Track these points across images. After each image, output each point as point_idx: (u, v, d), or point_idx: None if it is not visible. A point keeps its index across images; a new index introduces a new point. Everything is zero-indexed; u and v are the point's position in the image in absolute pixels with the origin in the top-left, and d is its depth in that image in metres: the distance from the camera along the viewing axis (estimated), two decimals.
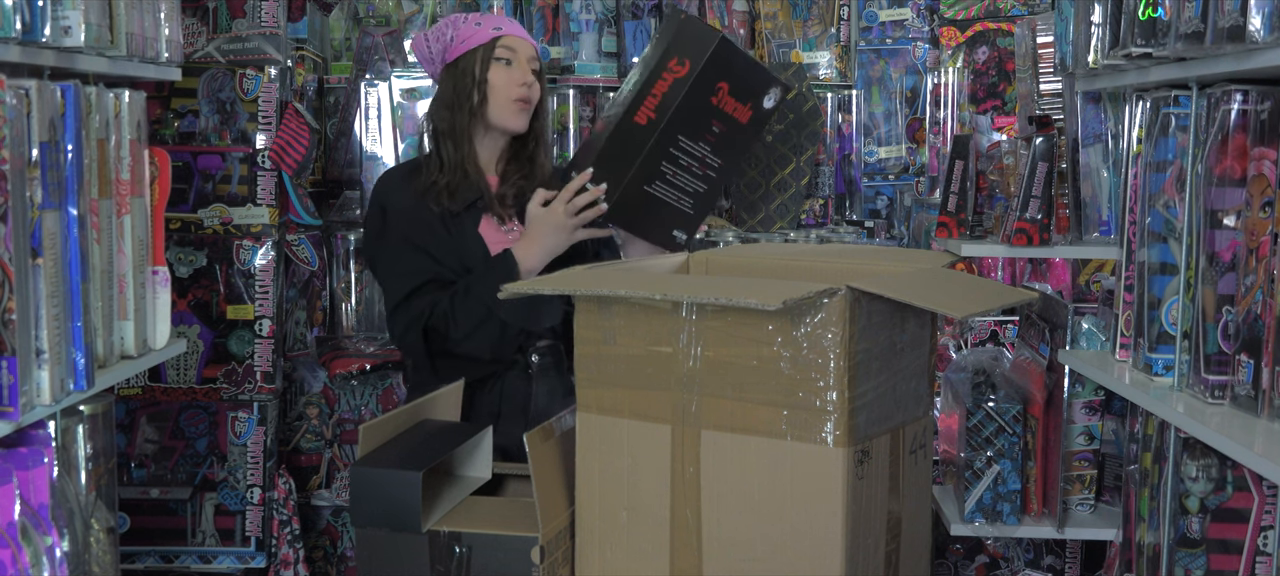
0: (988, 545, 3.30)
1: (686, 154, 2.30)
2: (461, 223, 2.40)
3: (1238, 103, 1.80)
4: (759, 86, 2.34)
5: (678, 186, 2.33)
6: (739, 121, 2.33)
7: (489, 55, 2.41)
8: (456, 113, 2.41)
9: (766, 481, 1.60)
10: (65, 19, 1.93)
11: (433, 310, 2.34)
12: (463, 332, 2.33)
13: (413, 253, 2.38)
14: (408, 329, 2.37)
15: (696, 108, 2.27)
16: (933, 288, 1.69)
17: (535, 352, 2.42)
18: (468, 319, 2.32)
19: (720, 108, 2.29)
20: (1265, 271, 1.72)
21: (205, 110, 3.13)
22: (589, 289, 1.70)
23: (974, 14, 3.52)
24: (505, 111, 2.41)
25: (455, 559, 1.81)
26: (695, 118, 2.28)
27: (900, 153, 3.60)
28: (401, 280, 2.38)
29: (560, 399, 2.43)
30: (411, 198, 2.42)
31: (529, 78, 2.42)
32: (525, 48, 2.45)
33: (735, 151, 2.38)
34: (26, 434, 1.87)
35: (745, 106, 2.32)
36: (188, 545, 3.15)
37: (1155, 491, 2.07)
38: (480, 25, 2.43)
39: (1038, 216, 2.51)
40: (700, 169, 2.34)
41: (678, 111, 2.24)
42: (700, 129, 2.30)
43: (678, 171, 2.31)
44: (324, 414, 3.44)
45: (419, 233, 2.39)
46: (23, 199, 1.72)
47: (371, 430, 1.91)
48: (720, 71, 2.26)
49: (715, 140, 2.32)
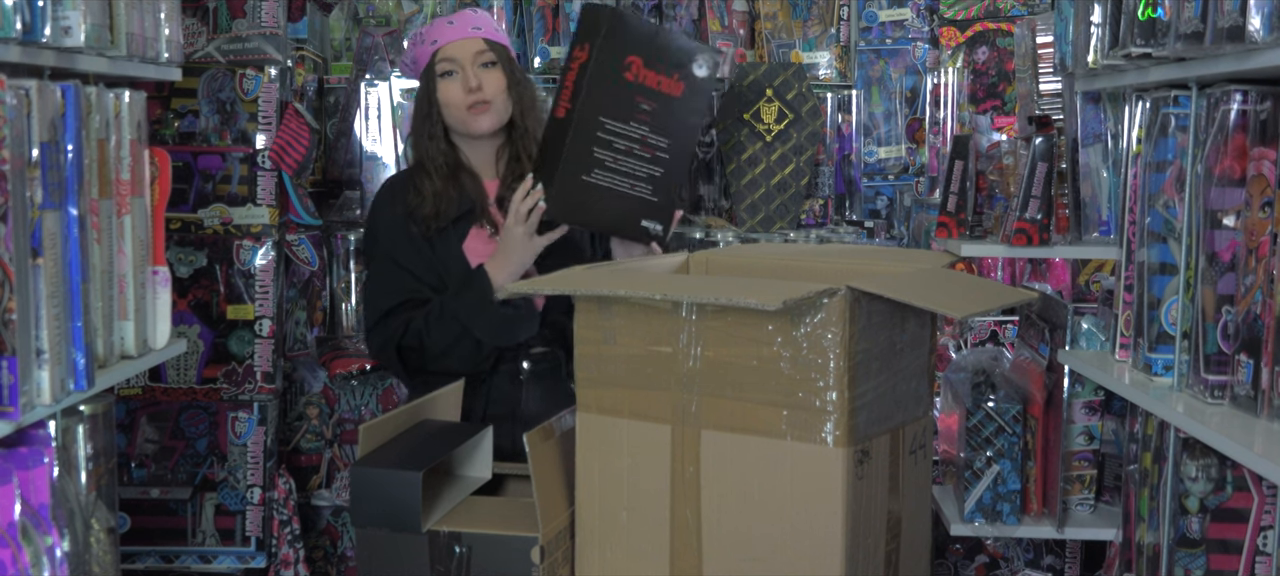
0: (987, 545, 3.30)
1: (620, 137, 2.26)
2: (447, 238, 2.39)
3: (1237, 103, 1.80)
4: (681, 56, 2.29)
5: (625, 172, 2.28)
6: (671, 95, 2.29)
7: (432, 74, 2.40)
8: (421, 137, 2.42)
9: (766, 481, 1.60)
10: (65, 19, 1.93)
11: (407, 329, 2.33)
12: (437, 350, 2.32)
13: (395, 270, 2.38)
14: (382, 348, 2.37)
15: (610, 88, 2.23)
16: (933, 287, 1.69)
17: (527, 359, 2.40)
18: (442, 337, 2.30)
19: (641, 83, 2.25)
20: (1265, 271, 1.72)
21: (205, 110, 3.14)
22: (589, 289, 1.70)
23: (974, 14, 3.52)
24: (463, 121, 2.39)
25: (455, 559, 1.81)
26: (613, 99, 2.24)
27: (900, 153, 3.60)
28: (380, 298, 2.38)
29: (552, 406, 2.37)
30: (402, 211, 2.41)
31: (473, 81, 2.37)
32: (465, 49, 2.39)
33: (680, 126, 2.33)
34: (26, 434, 1.87)
35: (672, 78, 2.28)
36: (188, 545, 3.15)
37: (1155, 491, 2.07)
38: (423, 41, 2.42)
39: (1038, 216, 2.51)
40: (644, 150, 2.29)
41: (589, 95, 2.20)
42: (625, 109, 2.25)
43: (618, 156, 2.27)
44: (324, 414, 3.44)
45: (402, 249, 2.38)
46: (23, 199, 1.72)
47: (371, 430, 1.91)
48: (624, 47, 2.21)
49: (650, 119, 2.28)
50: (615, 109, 2.24)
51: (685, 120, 2.34)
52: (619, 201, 2.29)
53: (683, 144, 2.36)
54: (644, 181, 2.31)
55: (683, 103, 2.31)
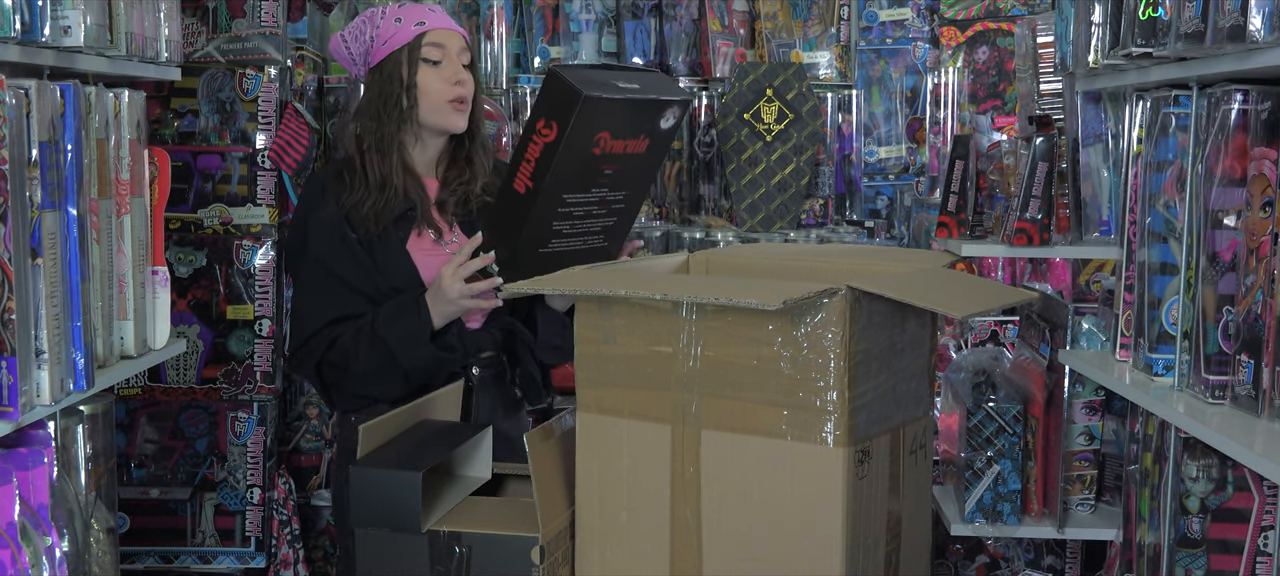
0: (988, 545, 3.30)
1: (579, 205, 2.14)
2: (388, 241, 2.22)
3: (1238, 103, 1.80)
4: (647, 118, 2.12)
5: (581, 232, 2.18)
6: (635, 154, 2.15)
7: (415, 56, 2.22)
8: (384, 123, 2.22)
9: (766, 481, 1.60)
10: (65, 19, 1.93)
11: (333, 345, 2.19)
12: (362, 371, 2.18)
13: (328, 279, 2.22)
14: (303, 362, 2.24)
15: (576, 167, 2.08)
16: (933, 288, 1.69)
17: (476, 364, 2.30)
18: (367, 361, 2.18)
19: (607, 153, 2.10)
20: (1265, 271, 1.72)
21: (205, 110, 3.13)
22: (589, 289, 1.70)
23: (974, 14, 3.52)
24: (440, 115, 2.24)
25: (455, 559, 1.80)
26: (578, 175, 2.10)
27: (900, 153, 3.60)
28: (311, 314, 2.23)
29: (501, 412, 2.33)
30: (334, 210, 2.23)
31: (462, 75, 2.24)
32: (454, 40, 2.26)
33: (641, 176, 2.22)
34: (26, 434, 1.87)
35: (638, 139, 2.13)
36: (187, 545, 3.15)
37: (1155, 491, 2.07)
38: (401, 21, 2.23)
39: (1038, 216, 2.51)
40: (601, 208, 2.17)
41: (555, 177, 2.05)
42: (588, 181, 2.12)
43: (575, 223, 2.15)
44: (324, 414, 3.44)
45: (337, 255, 2.21)
46: (22, 199, 1.72)
47: (371, 430, 1.91)
48: (593, 126, 2.04)
49: (610, 181, 2.15)
50: (578, 184, 2.12)
51: (646, 169, 2.23)
52: (573, 258, 2.17)
53: (640, 189, 2.25)
54: (598, 234, 2.22)
55: (645, 156, 2.18)
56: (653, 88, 2.14)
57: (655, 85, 2.16)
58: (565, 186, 2.09)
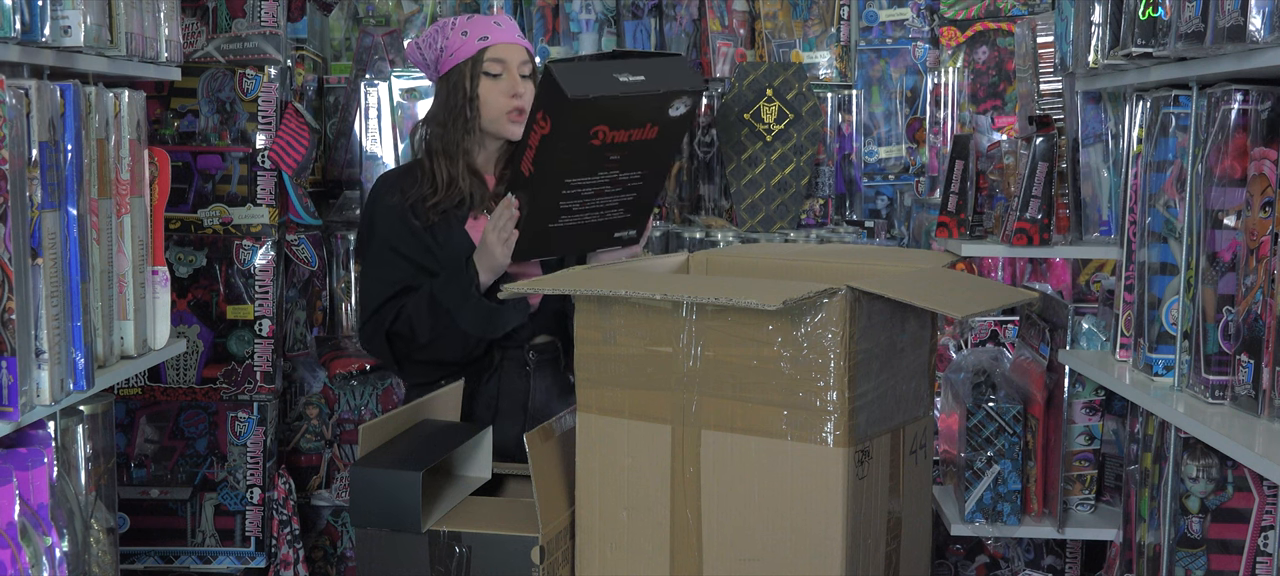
0: (988, 545, 3.29)
1: (588, 186, 2.19)
2: (448, 222, 2.37)
3: (1238, 103, 1.80)
4: (651, 109, 2.13)
5: (594, 208, 2.23)
6: (643, 140, 2.17)
7: (477, 69, 2.36)
8: (450, 129, 2.38)
9: (766, 481, 1.60)
10: (65, 19, 1.93)
11: (398, 315, 2.32)
12: (426, 337, 2.30)
13: (393, 257, 2.36)
14: (372, 336, 2.36)
15: (575, 155, 2.13)
16: (933, 287, 1.69)
17: (532, 349, 2.41)
18: (430, 325, 2.29)
19: (610, 142, 2.13)
20: (1265, 271, 1.72)
21: (205, 110, 3.13)
22: (589, 289, 1.70)
23: (974, 14, 3.52)
24: (499, 124, 2.38)
25: (455, 559, 1.80)
26: (579, 164, 2.15)
27: (900, 153, 3.60)
28: (378, 285, 2.36)
29: (557, 396, 2.42)
30: (400, 202, 2.39)
31: (520, 88, 2.37)
32: (515, 54, 2.39)
33: (658, 155, 2.24)
34: (26, 434, 1.87)
35: (643, 128, 2.15)
36: (187, 545, 3.15)
37: (1155, 491, 2.07)
38: (467, 35, 2.38)
39: (1038, 216, 2.51)
40: (615, 187, 2.22)
41: (555, 164, 2.12)
42: (592, 166, 2.16)
43: (585, 201, 2.20)
44: (324, 414, 3.44)
45: (402, 237, 2.36)
46: (23, 199, 1.72)
47: (371, 430, 1.91)
48: (586, 122, 2.08)
49: (619, 164, 2.18)
50: (582, 170, 2.16)
51: (661, 151, 2.24)
52: (587, 233, 2.26)
53: (660, 166, 2.28)
54: (615, 208, 2.26)
55: (656, 142, 2.20)
56: (659, 79, 2.15)
57: (663, 75, 2.17)
58: (566, 171, 2.16)
